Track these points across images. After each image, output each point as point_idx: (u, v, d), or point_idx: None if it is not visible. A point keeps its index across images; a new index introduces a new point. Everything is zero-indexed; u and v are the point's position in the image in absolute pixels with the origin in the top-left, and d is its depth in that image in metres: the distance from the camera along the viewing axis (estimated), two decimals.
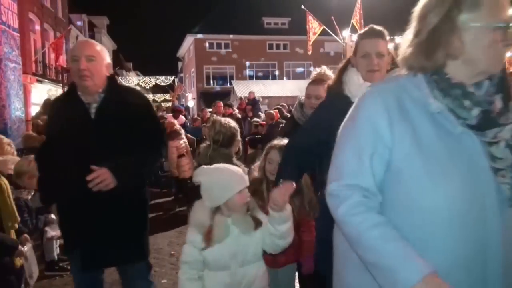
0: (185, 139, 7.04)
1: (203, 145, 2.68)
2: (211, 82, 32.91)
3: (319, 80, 2.90)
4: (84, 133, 2.28)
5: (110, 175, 2.20)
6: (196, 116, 12.59)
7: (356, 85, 2.08)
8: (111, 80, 2.46)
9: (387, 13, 26.63)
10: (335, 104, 2.01)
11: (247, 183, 2.03)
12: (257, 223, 2.02)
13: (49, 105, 5.77)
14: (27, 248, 3.19)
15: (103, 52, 2.42)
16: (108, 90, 2.39)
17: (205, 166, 2.05)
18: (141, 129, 2.35)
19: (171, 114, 9.43)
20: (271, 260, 2.33)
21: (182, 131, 7.15)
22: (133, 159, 2.31)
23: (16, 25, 9.17)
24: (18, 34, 9.24)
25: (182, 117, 9.67)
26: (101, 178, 2.18)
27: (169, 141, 6.60)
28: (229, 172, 2.03)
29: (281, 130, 3.43)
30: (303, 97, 3.09)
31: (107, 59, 2.44)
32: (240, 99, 14.21)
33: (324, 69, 3.03)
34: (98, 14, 34.88)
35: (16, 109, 8.61)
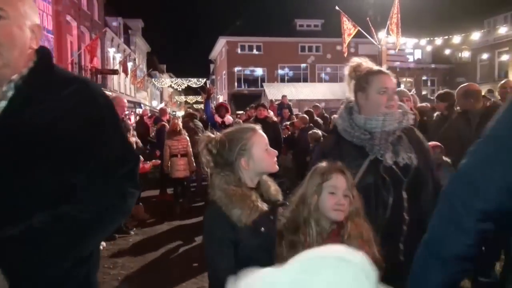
0: (185, 139, 7.28)
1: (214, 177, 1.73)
2: (242, 84, 32.84)
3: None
4: None
5: None
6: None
7: None
8: (42, 58, 1.31)
9: (425, 15, 25.74)
10: None
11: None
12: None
13: None
14: None
15: (25, 3, 1.25)
16: (31, 78, 1.25)
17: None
18: (88, 158, 1.23)
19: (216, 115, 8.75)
20: None
21: (184, 132, 7.38)
22: (53, 221, 1.15)
23: (50, 27, 9.30)
24: (53, 36, 9.37)
25: (229, 118, 8.32)
26: None
27: (166, 139, 7.29)
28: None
29: (319, 150, 2.30)
30: (348, 99, 2.14)
31: (33, 17, 1.29)
32: (270, 101, 13.93)
33: (356, 60, 2.15)
34: (133, 17, 35.59)
35: None
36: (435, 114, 4.76)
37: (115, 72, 18.40)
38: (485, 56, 25.78)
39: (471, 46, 26.34)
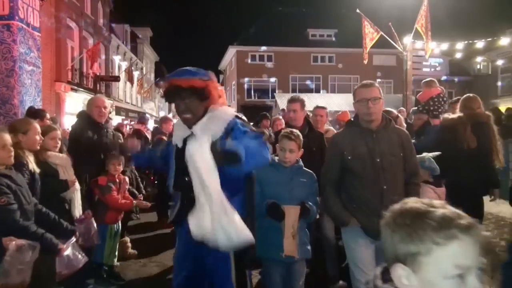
0: None
1: None
2: (252, 95, 31.77)
3: None
4: None
5: None
6: None
7: None
8: None
9: (443, 25, 24.51)
10: None
11: None
12: None
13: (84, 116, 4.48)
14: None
15: None
16: None
17: None
18: None
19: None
20: None
21: None
22: None
23: (37, 24, 8.13)
24: (39, 34, 8.21)
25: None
26: None
27: None
28: None
29: None
30: None
31: None
32: (282, 111, 12.73)
33: None
34: (141, 26, 34.86)
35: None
36: None
37: (116, 78, 17.38)
38: (507, 68, 24.36)
39: (491, 58, 25.05)
